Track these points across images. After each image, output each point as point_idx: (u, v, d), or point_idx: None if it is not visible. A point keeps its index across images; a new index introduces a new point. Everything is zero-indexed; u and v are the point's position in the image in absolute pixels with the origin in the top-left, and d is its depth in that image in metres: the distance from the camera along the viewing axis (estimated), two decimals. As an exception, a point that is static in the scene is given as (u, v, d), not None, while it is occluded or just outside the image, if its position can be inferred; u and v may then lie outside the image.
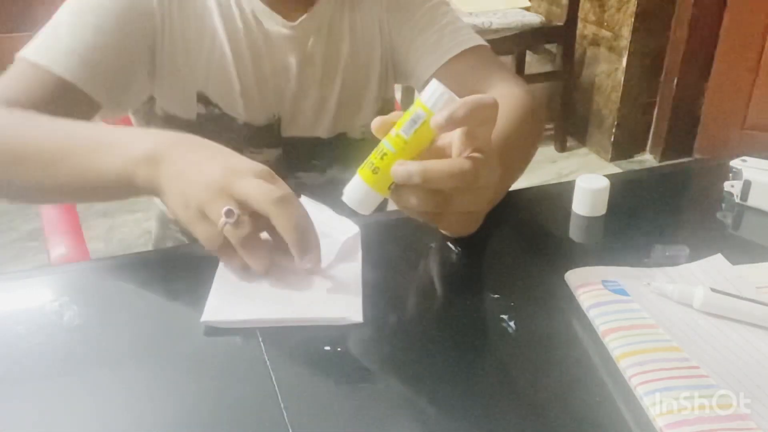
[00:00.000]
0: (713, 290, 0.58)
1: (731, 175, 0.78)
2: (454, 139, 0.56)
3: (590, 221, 0.74)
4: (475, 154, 0.55)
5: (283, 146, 0.88)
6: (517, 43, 2.63)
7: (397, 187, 0.55)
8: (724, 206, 0.78)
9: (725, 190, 0.78)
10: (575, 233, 0.74)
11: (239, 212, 0.55)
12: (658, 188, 0.84)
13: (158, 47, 0.79)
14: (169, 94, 0.83)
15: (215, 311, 0.58)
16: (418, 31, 0.87)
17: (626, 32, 2.51)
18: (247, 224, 0.55)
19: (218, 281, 0.61)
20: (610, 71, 2.63)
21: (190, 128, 0.85)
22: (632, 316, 0.57)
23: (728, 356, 0.53)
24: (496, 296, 0.62)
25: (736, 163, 0.78)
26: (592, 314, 0.57)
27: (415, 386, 0.52)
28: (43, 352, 0.56)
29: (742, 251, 0.67)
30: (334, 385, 0.53)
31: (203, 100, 0.83)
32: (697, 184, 0.87)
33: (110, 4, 0.76)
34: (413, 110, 0.56)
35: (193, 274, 0.64)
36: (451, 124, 0.53)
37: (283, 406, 0.49)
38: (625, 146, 2.72)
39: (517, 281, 0.65)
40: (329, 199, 0.67)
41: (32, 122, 0.67)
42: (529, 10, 2.63)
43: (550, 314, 0.60)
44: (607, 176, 0.75)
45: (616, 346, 0.54)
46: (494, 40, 2.49)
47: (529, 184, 0.83)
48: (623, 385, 0.51)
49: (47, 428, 0.49)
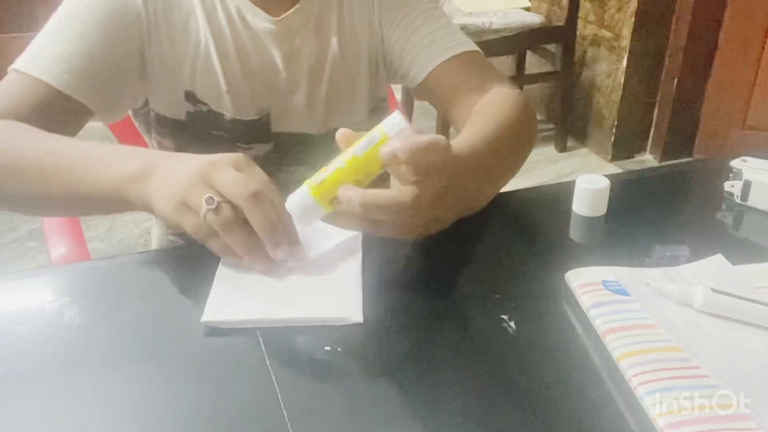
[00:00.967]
0: (713, 290, 0.58)
1: (731, 175, 0.78)
2: (401, 167, 0.57)
3: (590, 221, 0.74)
4: (418, 182, 0.57)
5: (273, 141, 0.88)
6: (517, 43, 2.63)
7: (339, 208, 0.58)
8: (724, 206, 0.78)
9: (725, 190, 0.78)
10: (575, 233, 0.74)
11: (219, 199, 0.57)
12: (658, 188, 0.84)
13: (146, 50, 0.80)
14: (158, 95, 0.84)
15: (215, 311, 0.58)
16: (412, 31, 0.87)
17: (626, 32, 2.51)
18: (227, 210, 0.57)
19: (218, 282, 0.61)
20: (610, 71, 2.63)
21: (180, 127, 0.85)
22: (632, 316, 0.57)
23: (728, 356, 0.53)
24: (496, 296, 0.62)
25: (736, 163, 0.78)
26: (592, 314, 0.57)
27: (415, 386, 0.52)
28: (43, 352, 0.56)
29: (742, 251, 0.67)
30: (334, 385, 0.53)
31: (191, 98, 0.83)
32: (697, 184, 0.87)
33: (97, 11, 0.77)
34: (371, 132, 0.57)
35: (193, 274, 0.64)
36: (394, 161, 0.56)
37: (283, 406, 0.49)
38: (625, 146, 2.71)
39: (517, 281, 0.65)
40: None
41: (28, 137, 0.69)
42: (529, 10, 2.63)
43: (550, 314, 0.60)
44: (607, 176, 0.75)
45: (616, 346, 0.54)
46: (494, 40, 2.49)
47: (529, 184, 0.83)
48: (623, 385, 0.51)
49: (47, 428, 0.49)
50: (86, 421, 0.50)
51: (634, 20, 2.47)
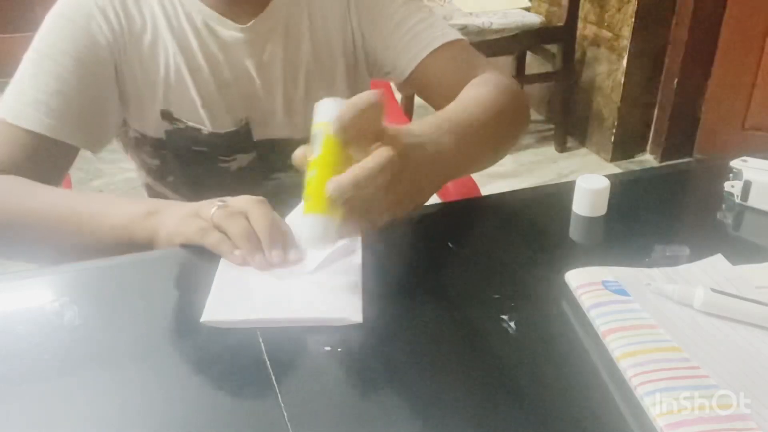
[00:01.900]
0: (713, 290, 0.58)
1: (731, 175, 0.78)
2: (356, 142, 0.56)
3: (590, 221, 0.74)
4: (385, 143, 0.56)
5: (256, 150, 0.88)
6: (517, 43, 2.62)
7: (340, 204, 0.55)
8: (724, 206, 0.78)
9: (725, 190, 0.78)
10: (575, 233, 0.74)
11: (228, 204, 0.64)
12: (658, 188, 0.84)
13: (119, 76, 0.81)
14: (137, 115, 0.84)
15: (214, 312, 0.58)
16: (393, 27, 0.87)
17: (626, 32, 2.51)
18: (234, 208, 0.63)
19: (218, 282, 0.61)
20: (610, 71, 2.63)
21: (160, 146, 0.85)
22: (633, 316, 0.57)
23: (728, 356, 0.53)
24: (496, 296, 0.62)
25: (736, 163, 0.78)
26: (592, 314, 0.57)
27: (415, 386, 0.52)
28: (43, 352, 0.56)
29: (742, 251, 0.67)
30: (334, 385, 0.53)
31: (167, 117, 0.83)
32: (697, 184, 0.87)
33: (67, 47, 0.77)
34: (313, 132, 0.57)
35: (193, 274, 0.64)
36: (346, 125, 0.54)
37: (283, 406, 0.49)
38: (625, 146, 2.71)
39: (517, 281, 0.65)
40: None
41: (30, 192, 0.72)
42: (529, 10, 2.63)
43: (550, 315, 0.60)
44: (607, 176, 0.75)
45: (616, 346, 0.54)
46: (494, 40, 2.49)
47: (529, 184, 0.83)
48: (623, 385, 0.51)
49: (47, 428, 0.49)
50: (86, 421, 0.50)
51: (634, 20, 2.47)
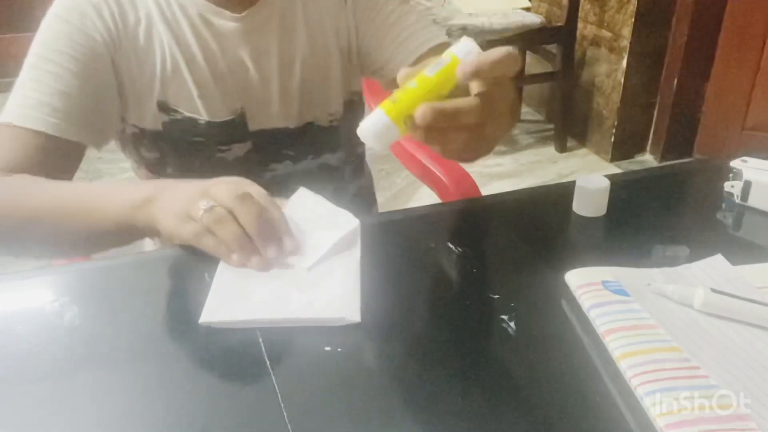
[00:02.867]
0: (713, 290, 0.58)
1: (731, 175, 0.78)
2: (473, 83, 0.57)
3: (590, 221, 0.74)
4: (488, 90, 0.56)
5: (252, 140, 0.89)
6: (517, 43, 2.62)
7: (415, 124, 0.54)
8: (724, 206, 0.78)
9: (725, 190, 0.78)
10: (575, 233, 0.74)
11: (214, 204, 0.62)
12: (658, 188, 0.84)
13: (117, 70, 0.82)
14: (134, 109, 0.85)
15: (213, 312, 0.58)
16: (389, 26, 0.88)
17: (626, 32, 2.51)
18: (220, 209, 0.62)
19: (217, 283, 0.61)
20: (610, 72, 2.63)
21: (159, 138, 0.86)
22: (633, 316, 0.57)
23: (728, 356, 0.53)
24: (496, 296, 0.62)
25: (736, 163, 0.78)
26: (592, 315, 0.57)
27: (415, 386, 0.52)
28: (43, 352, 0.56)
29: (742, 251, 0.67)
30: (334, 385, 0.53)
31: (164, 108, 0.84)
32: (697, 184, 0.87)
33: (65, 47, 0.78)
34: (441, 57, 0.56)
35: (193, 274, 0.64)
36: (475, 74, 0.54)
37: (283, 406, 0.49)
38: (625, 147, 2.71)
39: (517, 281, 0.65)
40: (309, 188, 0.71)
41: (37, 188, 0.73)
42: (529, 10, 2.63)
43: (550, 315, 0.60)
44: (607, 177, 0.75)
45: (616, 346, 0.54)
46: (494, 40, 2.48)
47: (529, 184, 0.83)
48: (624, 385, 0.51)
49: (47, 428, 0.49)
50: (86, 421, 0.50)
51: (634, 20, 2.47)
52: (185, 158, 0.88)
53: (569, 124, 2.80)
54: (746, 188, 0.76)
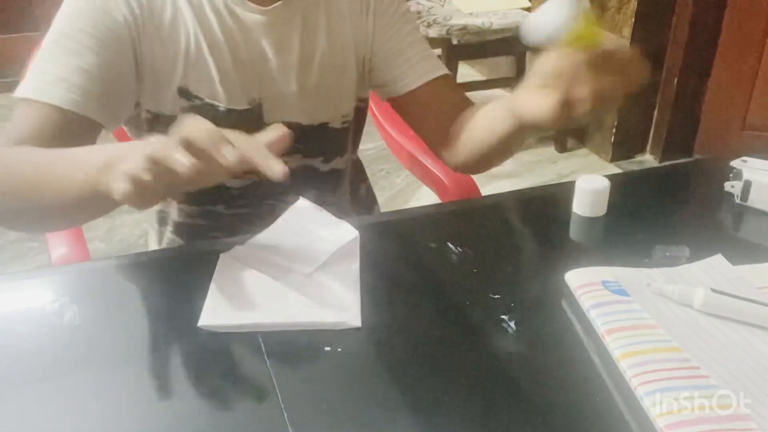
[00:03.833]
0: (713, 290, 0.58)
1: (731, 175, 0.78)
2: None
3: (590, 221, 0.74)
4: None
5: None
6: (517, 43, 2.61)
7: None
8: (724, 206, 0.78)
9: (725, 190, 0.78)
10: (575, 233, 0.74)
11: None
12: (658, 188, 0.84)
13: (138, 53, 0.82)
14: (152, 94, 0.85)
15: (212, 316, 0.58)
16: (405, 46, 0.93)
17: (626, 32, 2.50)
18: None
19: (214, 286, 0.61)
20: (610, 71, 2.63)
21: (175, 124, 0.86)
22: (633, 316, 0.57)
23: (728, 356, 0.53)
24: (496, 297, 0.62)
25: (736, 163, 0.78)
26: (592, 315, 0.57)
27: (415, 386, 0.52)
28: (43, 352, 0.56)
29: (742, 252, 0.67)
30: (334, 385, 0.53)
31: (184, 94, 0.85)
32: (697, 184, 0.87)
33: (85, 26, 0.78)
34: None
35: (192, 274, 0.64)
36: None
37: (283, 406, 0.49)
38: (625, 147, 2.71)
39: (517, 282, 0.65)
40: (305, 184, 0.68)
41: (18, 156, 0.71)
42: (529, 10, 2.63)
43: (550, 315, 0.60)
44: (607, 177, 0.75)
45: (616, 346, 0.54)
46: (494, 40, 2.49)
47: (529, 184, 0.83)
48: (624, 385, 0.51)
49: (47, 428, 0.49)
50: (86, 421, 0.50)
51: (633, 20, 2.47)
52: None
53: (569, 124, 2.80)
54: (746, 188, 0.76)
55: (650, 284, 0.60)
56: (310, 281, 0.62)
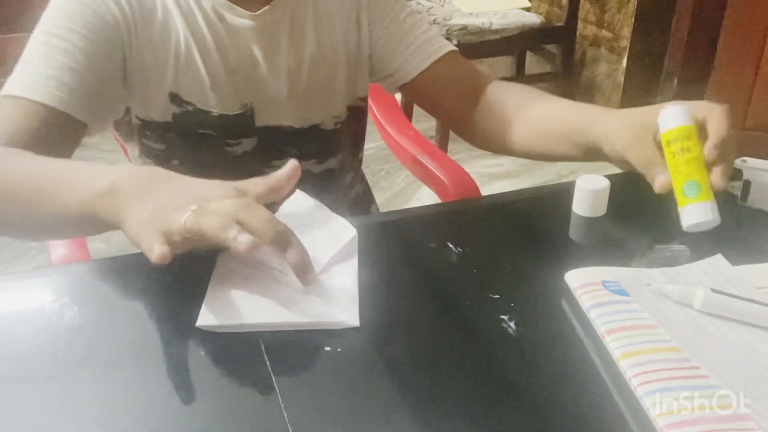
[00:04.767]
0: (713, 290, 0.58)
1: (731, 175, 0.78)
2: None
3: (590, 221, 0.74)
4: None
5: (257, 135, 0.89)
6: (517, 43, 2.62)
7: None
8: (724, 206, 0.77)
9: (725, 190, 0.78)
10: (575, 233, 0.74)
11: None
12: (658, 188, 0.83)
13: (127, 57, 0.82)
14: (142, 100, 0.85)
15: (210, 316, 0.58)
16: (403, 33, 0.93)
17: (626, 32, 2.51)
18: (210, 207, 0.55)
19: (213, 286, 0.61)
20: (610, 72, 2.63)
21: (167, 129, 0.86)
22: (633, 316, 0.57)
23: (728, 356, 0.53)
24: (496, 297, 0.62)
25: (736, 163, 0.78)
26: (592, 315, 0.57)
27: (415, 387, 0.52)
28: (43, 352, 0.56)
29: (742, 252, 0.67)
30: (334, 385, 0.53)
31: (176, 100, 0.84)
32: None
33: (76, 25, 0.78)
34: (666, 138, 0.70)
35: (192, 274, 0.64)
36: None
37: (283, 406, 0.49)
38: (625, 146, 2.71)
39: (517, 282, 0.65)
40: (299, 186, 0.68)
41: (8, 162, 0.69)
42: (529, 10, 2.63)
43: (550, 315, 0.60)
44: (607, 176, 0.75)
45: (616, 346, 0.54)
46: (494, 40, 2.49)
47: (529, 184, 0.83)
48: (624, 385, 0.51)
49: (47, 428, 0.49)
50: (86, 421, 0.50)
51: (634, 20, 2.47)
52: (193, 150, 0.88)
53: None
54: (746, 188, 0.76)
55: (650, 284, 0.60)
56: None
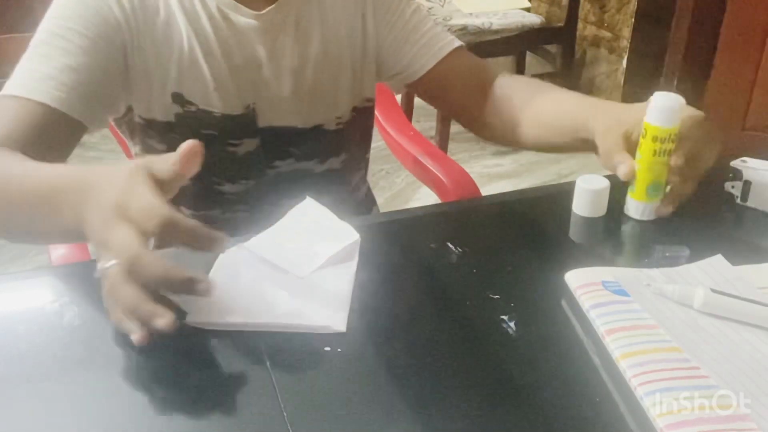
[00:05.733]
0: (713, 291, 0.58)
1: (731, 175, 0.78)
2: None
3: (590, 221, 0.74)
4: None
5: (260, 136, 0.89)
6: (517, 43, 2.62)
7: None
8: (724, 206, 0.78)
9: (725, 190, 0.78)
10: (575, 233, 0.74)
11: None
12: (658, 188, 0.83)
13: (129, 58, 0.81)
14: (145, 100, 0.84)
15: (200, 313, 0.58)
16: (409, 30, 0.93)
17: (626, 33, 2.51)
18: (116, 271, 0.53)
19: None
20: (610, 72, 2.63)
21: (169, 129, 0.86)
22: (633, 316, 0.57)
23: (728, 357, 0.53)
24: (496, 297, 0.62)
25: (736, 163, 0.78)
26: (592, 315, 0.57)
27: (415, 387, 0.52)
28: (43, 352, 0.56)
29: (742, 252, 0.67)
30: (334, 385, 0.53)
31: (179, 100, 0.84)
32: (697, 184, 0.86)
33: (77, 25, 0.77)
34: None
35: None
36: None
37: (283, 406, 0.49)
38: (625, 146, 2.71)
39: (517, 282, 0.65)
40: (300, 186, 0.68)
41: (4, 165, 0.68)
42: (529, 10, 2.63)
43: (550, 315, 0.60)
44: (607, 177, 0.75)
45: (616, 346, 0.54)
46: (494, 40, 2.49)
47: (529, 184, 0.83)
48: (624, 385, 0.51)
49: (47, 428, 0.49)
50: (86, 421, 0.50)
51: (634, 20, 2.47)
52: None
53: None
54: (746, 188, 0.76)
55: (650, 284, 0.60)
56: (302, 283, 0.62)
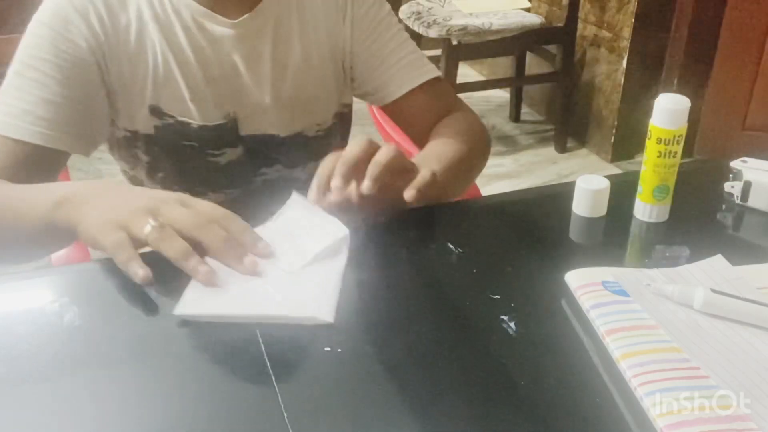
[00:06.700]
0: (713, 291, 0.58)
1: (731, 175, 0.78)
2: None
3: (590, 222, 0.74)
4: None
5: (243, 145, 0.89)
6: (517, 44, 2.62)
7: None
8: (724, 207, 0.78)
9: (725, 190, 0.78)
10: (575, 234, 0.74)
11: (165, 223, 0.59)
12: (658, 189, 0.83)
13: (105, 75, 0.81)
14: (125, 114, 0.84)
15: (189, 304, 0.58)
16: (386, 54, 0.91)
17: (626, 33, 2.50)
18: (170, 229, 0.59)
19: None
20: (610, 72, 2.63)
21: (150, 141, 0.86)
22: (633, 316, 0.57)
23: (728, 357, 0.53)
24: (496, 297, 0.62)
25: (736, 163, 0.78)
26: (592, 315, 0.57)
27: (415, 387, 0.52)
28: (43, 352, 0.56)
29: (742, 252, 0.67)
30: (333, 385, 0.53)
31: (156, 112, 0.84)
32: (697, 184, 0.87)
33: (47, 54, 0.77)
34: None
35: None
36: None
37: (283, 406, 0.49)
38: (625, 147, 2.71)
39: (517, 282, 0.65)
40: (287, 192, 0.70)
41: None
42: (529, 11, 2.63)
43: (550, 315, 0.60)
44: (607, 177, 0.75)
45: (616, 346, 0.54)
46: (494, 40, 2.48)
47: (529, 184, 0.84)
48: (624, 385, 0.51)
49: (47, 428, 0.49)
50: (86, 421, 0.50)
51: (634, 20, 2.47)
52: (177, 162, 0.88)
53: (569, 124, 2.80)
54: (746, 188, 0.76)
55: (650, 284, 0.60)
56: (290, 277, 0.62)
